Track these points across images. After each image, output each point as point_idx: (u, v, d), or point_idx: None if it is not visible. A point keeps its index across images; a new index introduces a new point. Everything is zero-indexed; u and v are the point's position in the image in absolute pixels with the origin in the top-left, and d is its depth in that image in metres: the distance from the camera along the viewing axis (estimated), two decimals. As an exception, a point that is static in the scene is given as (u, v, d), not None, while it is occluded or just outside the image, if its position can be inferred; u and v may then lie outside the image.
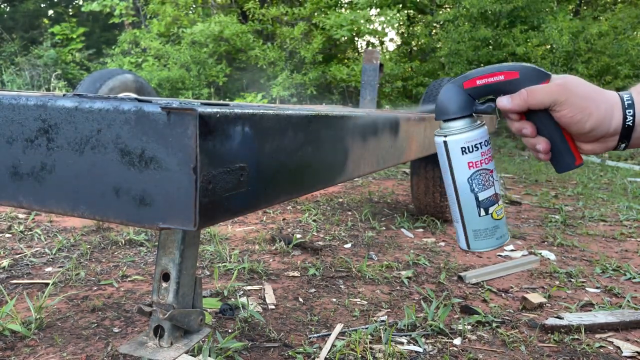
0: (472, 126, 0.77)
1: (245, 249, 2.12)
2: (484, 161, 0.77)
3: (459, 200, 0.78)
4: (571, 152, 0.75)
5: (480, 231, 0.79)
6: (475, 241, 0.79)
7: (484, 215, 0.78)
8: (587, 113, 0.69)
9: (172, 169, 0.56)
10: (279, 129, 0.73)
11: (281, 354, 1.25)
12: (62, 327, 1.34)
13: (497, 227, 0.79)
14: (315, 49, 8.16)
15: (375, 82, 3.18)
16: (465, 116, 0.77)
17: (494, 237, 0.79)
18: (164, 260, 0.94)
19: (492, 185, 0.78)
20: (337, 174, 0.98)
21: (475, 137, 0.76)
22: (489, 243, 0.79)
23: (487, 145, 0.78)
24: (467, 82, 0.76)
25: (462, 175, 0.77)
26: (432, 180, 2.51)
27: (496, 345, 1.35)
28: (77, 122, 0.60)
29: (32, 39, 10.66)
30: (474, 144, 0.76)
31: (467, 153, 0.77)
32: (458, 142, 0.76)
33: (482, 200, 0.77)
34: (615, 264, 2.08)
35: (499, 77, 0.75)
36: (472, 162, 0.77)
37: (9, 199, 0.66)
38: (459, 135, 0.76)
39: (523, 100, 0.71)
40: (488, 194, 0.78)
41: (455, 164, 0.77)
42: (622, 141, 0.71)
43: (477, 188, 0.77)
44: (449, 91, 0.78)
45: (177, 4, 9.06)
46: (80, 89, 2.99)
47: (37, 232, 2.21)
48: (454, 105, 0.77)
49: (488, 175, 0.78)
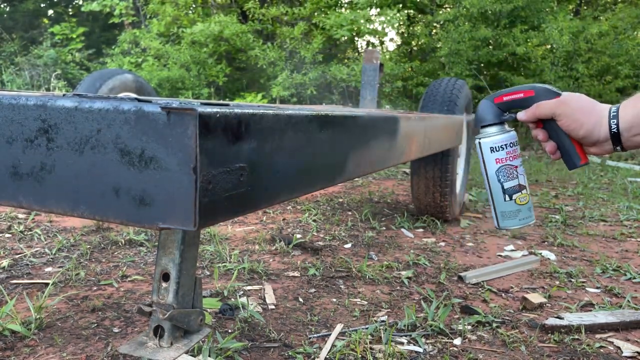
0: (500, 131, 0.99)
1: (245, 249, 2.12)
2: (509, 158, 0.98)
3: (490, 188, 1.00)
4: (577, 152, 0.92)
5: (506, 213, 1.00)
6: (503, 220, 1.00)
7: (508, 201, 0.99)
8: (579, 123, 0.88)
9: (172, 169, 0.56)
10: (279, 129, 0.73)
11: (281, 354, 1.25)
12: (62, 327, 1.34)
13: (520, 211, 0.99)
14: (315, 49, 8.15)
15: (375, 82, 3.18)
16: (495, 123, 0.99)
17: (517, 218, 0.99)
18: (164, 260, 0.94)
19: (517, 177, 0.99)
20: (337, 174, 0.98)
21: (502, 140, 0.98)
22: (513, 222, 1.00)
23: (513, 147, 0.99)
24: (497, 98, 0.99)
25: (491, 169, 0.99)
26: (432, 180, 2.51)
27: (496, 346, 1.35)
28: (77, 122, 0.60)
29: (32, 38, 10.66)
30: (500, 145, 0.98)
31: (495, 152, 0.99)
32: (488, 143, 0.99)
33: (507, 189, 0.99)
34: (615, 264, 2.08)
35: (520, 94, 0.97)
36: (499, 158, 0.98)
37: (9, 199, 0.66)
38: (489, 138, 0.99)
39: (532, 113, 0.93)
40: (512, 184, 0.99)
41: (486, 159, 0.99)
42: (616, 144, 0.86)
43: (502, 179, 0.99)
44: (484, 105, 1.01)
45: (177, 3, 9.06)
46: (80, 89, 2.99)
47: (37, 232, 2.20)
48: (486, 115, 1.00)
49: (512, 169, 0.99)
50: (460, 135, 2.37)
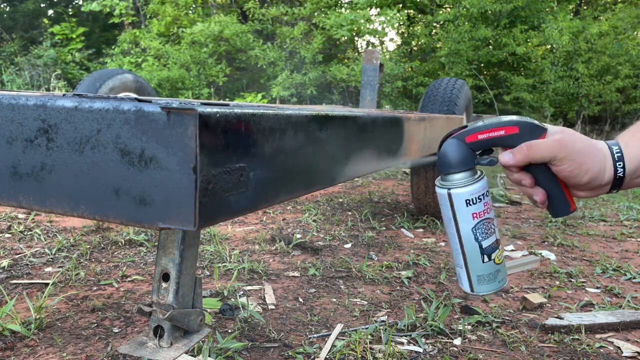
0: (475, 179, 0.80)
1: (245, 249, 2.12)
2: (486, 211, 0.81)
3: (463, 249, 0.82)
4: (566, 200, 0.79)
5: (483, 276, 0.82)
6: (479, 285, 0.83)
7: (487, 262, 0.82)
8: (584, 169, 0.74)
9: (172, 168, 0.56)
10: (279, 129, 0.73)
11: (281, 354, 1.25)
12: (61, 327, 1.34)
13: (499, 271, 0.83)
14: (315, 49, 8.15)
15: (375, 82, 3.18)
16: (468, 169, 0.80)
17: (496, 280, 0.83)
18: (164, 260, 0.94)
19: (494, 232, 0.82)
20: (337, 174, 0.98)
21: (478, 190, 0.80)
22: (491, 287, 0.83)
23: (488, 196, 0.81)
24: (469, 137, 0.80)
25: (466, 226, 0.80)
26: (432, 180, 2.51)
27: (496, 346, 1.35)
28: (76, 122, 0.60)
29: (32, 38, 10.66)
30: (477, 196, 0.80)
31: (471, 205, 0.80)
32: (462, 195, 0.79)
33: (485, 248, 0.81)
34: (615, 264, 2.08)
35: (500, 132, 0.79)
36: (476, 212, 0.80)
37: (9, 199, 0.66)
38: (463, 188, 0.79)
39: (524, 155, 0.76)
40: (490, 241, 0.81)
41: (460, 215, 0.80)
42: (614, 188, 0.77)
43: (480, 237, 0.81)
44: (451, 145, 0.81)
45: (177, 3, 9.06)
46: (80, 88, 2.99)
47: (36, 232, 2.20)
48: (457, 159, 0.80)
49: (490, 223, 0.81)
50: (460, 135, 2.36)
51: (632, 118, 8.78)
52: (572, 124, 8.32)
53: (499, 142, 0.79)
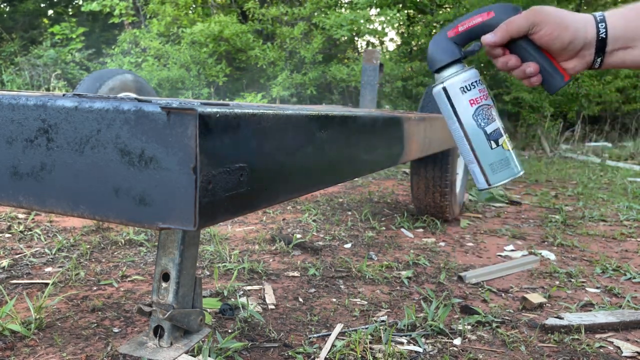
0: (464, 69, 0.84)
1: (245, 249, 2.12)
2: (482, 97, 0.83)
3: (469, 140, 0.84)
4: (558, 70, 0.80)
5: (495, 164, 0.84)
6: (494, 175, 0.84)
7: (495, 147, 0.83)
8: (563, 27, 0.76)
9: (172, 168, 0.56)
10: (279, 129, 0.73)
11: (281, 354, 1.25)
12: (62, 327, 1.34)
13: (510, 158, 0.84)
14: (315, 49, 8.15)
15: (375, 82, 3.18)
16: (455, 61, 0.83)
17: (509, 167, 0.84)
18: (164, 260, 0.94)
19: (495, 119, 0.84)
20: (337, 174, 0.98)
21: (470, 77, 0.83)
22: (506, 174, 0.84)
23: (482, 84, 0.84)
24: (451, 31, 0.84)
25: (466, 114, 0.83)
26: (432, 180, 2.51)
27: (496, 345, 1.35)
28: (76, 122, 0.60)
29: (32, 38, 10.66)
30: (470, 83, 0.83)
31: (467, 91, 0.83)
32: (456, 84, 0.83)
33: (490, 133, 0.83)
34: (615, 264, 2.08)
35: (478, 19, 0.82)
36: (473, 99, 0.83)
37: (9, 198, 0.66)
38: (455, 77, 0.83)
39: (504, 31, 0.78)
40: (494, 127, 0.83)
41: (458, 104, 0.83)
42: (598, 55, 0.77)
43: (482, 122, 0.83)
44: (436, 43, 0.84)
45: (177, 3, 9.06)
46: (80, 88, 2.99)
47: (36, 232, 2.20)
48: (444, 53, 0.84)
49: (489, 109, 0.84)
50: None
51: (632, 118, 8.78)
52: (572, 123, 8.33)
53: (480, 30, 0.82)
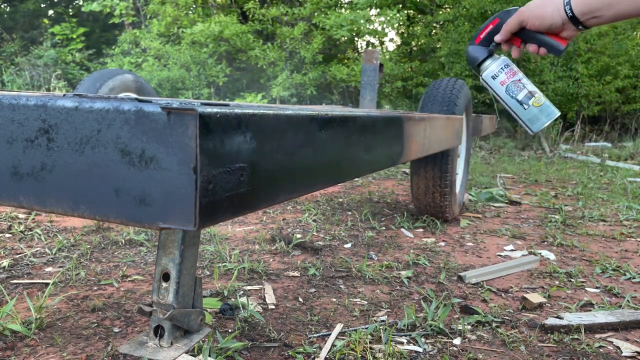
0: (493, 61, 1.22)
1: (245, 249, 2.12)
2: (510, 76, 1.21)
3: (511, 108, 1.21)
4: (555, 41, 1.09)
5: (531, 118, 1.20)
6: (533, 125, 1.20)
7: (527, 108, 1.20)
8: (541, 17, 1.07)
9: (172, 169, 0.56)
10: (279, 129, 0.73)
11: (281, 354, 1.25)
12: (62, 327, 1.34)
13: (541, 110, 1.20)
14: (315, 49, 8.15)
15: (375, 82, 3.18)
16: (485, 58, 1.22)
17: (542, 116, 1.20)
18: (164, 260, 0.94)
19: (524, 88, 1.20)
20: (337, 174, 0.98)
21: (497, 66, 1.22)
22: (541, 122, 1.20)
23: (508, 67, 1.21)
24: (476, 40, 1.22)
25: (501, 92, 1.22)
26: (432, 180, 2.51)
27: (496, 345, 1.35)
28: (77, 122, 0.60)
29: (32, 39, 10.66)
30: (497, 70, 1.22)
31: (496, 77, 1.22)
32: (488, 74, 1.22)
33: (521, 100, 1.20)
34: (615, 263, 2.08)
35: (490, 27, 1.20)
36: (502, 80, 1.21)
37: (9, 198, 0.66)
38: (487, 70, 1.22)
39: (505, 30, 1.15)
40: (523, 94, 1.20)
41: (494, 87, 1.22)
42: (577, 25, 1.04)
43: (514, 94, 1.20)
44: (470, 50, 1.23)
45: (177, 4, 9.06)
46: (80, 89, 2.99)
47: (37, 232, 2.21)
48: (476, 55, 1.22)
49: (517, 83, 1.21)
50: (460, 135, 2.37)
51: (631, 118, 8.79)
52: (571, 124, 8.33)
53: (494, 33, 1.18)
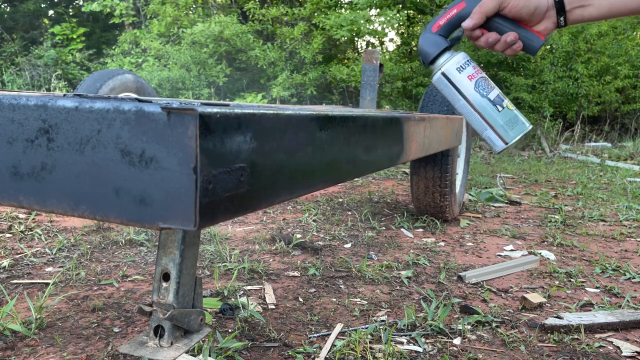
0: (454, 54, 0.98)
1: (245, 249, 2.12)
2: (477, 72, 0.97)
3: (477, 110, 0.97)
4: (533, 34, 0.93)
5: (506, 123, 0.97)
6: (507, 133, 0.97)
7: (502, 110, 0.97)
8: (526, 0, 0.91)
9: (173, 169, 0.56)
10: (279, 129, 0.73)
11: (281, 354, 1.25)
12: (62, 327, 1.34)
13: (517, 116, 0.97)
14: (315, 49, 8.15)
15: (375, 82, 3.18)
16: (445, 49, 0.98)
17: (518, 124, 0.97)
18: (164, 260, 0.94)
19: (494, 87, 0.97)
20: (337, 174, 0.98)
21: (461, 59, 0.98)
22: (518, 130, 0.97)
23: (473, 62, 0.98)
24: (434, 27, 0.97)
25: (469, 88, 0.97)
26: (432, 180, 2.51)
27: (496, 345, 1.35)
28: (77, 122, 0.60)
29: (33, 39, 10.66)
30: (463, 63, 0.97)
31: (463, 70, 0.97)
32: (452, 66, 0.97)
33: (493, 100, 0.97)
34: (614, 263, 2.08)
35: (453, 11, 0.97)
36: (470, 74, 0.97)
37: (10, 199, 0.66)
38: (449, 62, 0.97)
39: (478, 13, 0.93)
40: (495, 93, 0.97)
41: (459, 82, 0.97)
42: (560, 14, 0.91)
43: (484, 92, 0.96)
44: (424, 39, 0.99)
45: (177, 4, 9.06)
46: (80, 89, 2.99)
47: (37, 232, 2.21)
48: (433, 46, 0.98)
49: (487, 80, 0.97)
50: (460, 135, 2.37)
51: (631, 118, 8.79)
52: (571, 124, 8.33)
53: (458, 19, 0.96)
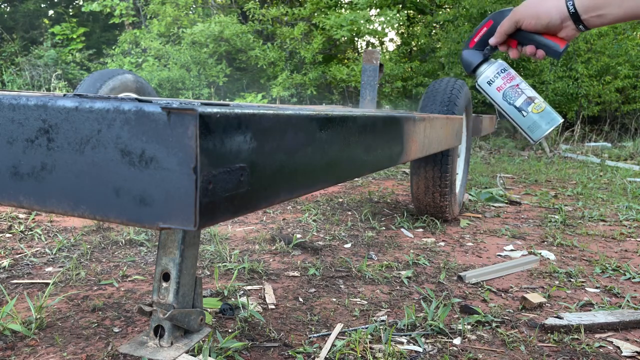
0: (488, 66, 1.15)
1: (245, 249, 2.12)
2: (506, 82, 1.14)
3: (509, 115, 1.14)
4: (553, 42, 1.02)
5: (531, 125, 1.12)
6: (533, 133, 1.12)
7: (526, 115, 1.12)
8: (536, 16, 1.00)
9: (172, 169, 0.56)
10: (279, 129, 0.73)
11: (281, 354, 1.25)
12: (62, 327, 1.34)
13: (542, 117, 1.11)
14: (315, 49, 8.15)
15: (375, 82, 3.18)
16: (481, 62, 1.15)
17: (543, 124, 1.11)
18: (164, 260, 0.94)
19: (522, 93, 1.13)
20: (337, 174, 0.98)
21: (493, 71, 1.15)
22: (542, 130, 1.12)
23: (505, 72, 1.14)
24: (470, 43, 1.15)
25: (498, 98, 1.14)
26: (431, 180, 2.51)
27: (496, 345, 1.35)
28: (77, 122, 0.60)
29: (33, 39, 10.67)
30: (493, 76, 1.15)
31: (492, 83, 1.14)
32: (484, 80, 1.16)
33: (519, 106, 1.12)
34: (614, 263, 2.08)
35: (484, 29, 1.14)
36: (499, 86, 1.14)
37: (10, 199, 0.66)
38: (482, 76, 1.16)
39: (500, 32, 1.08)
40: (521, 100, 1.12)
41: (491, 93, 1.15)
42: (577, 24, 0.96)
43: (511, 100, 1.13)
44: (464, 54, 1.17)
45: (177, 4, 9.06)
46: (80, 89, 2.99)
47: (37, 232, 2.21)
48: (470, 60, 1.16)
49: (515, 89, 1.13)
50: (460, 135, 2.37)
51: (631, 118, 8.78)
52: (571, 123, 8.33)
53: (488, 36, 1.11)
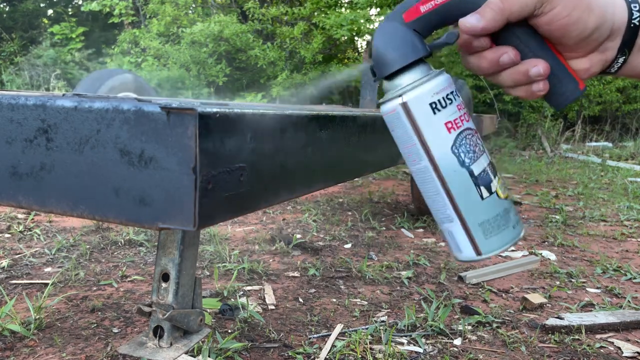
0: (432, 73, 0.53)
1: (245, 249, 2.12)
2: (464, 118, 0.52)
3: (446, 186, 0.52)
4: (571, 74, 0.53)
5: (490, 221, 0.52)
6: (487, 240, 0.53)
7: (488, 197, 0.52)
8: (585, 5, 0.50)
9: (172, 169, 0.56)
10: (279, 129, 0.73)
11: (281, 354, 1.24)
12: (61, 328, 1.34)
13: (508, 210, 0.54)
14: (315, 49, 8.15)
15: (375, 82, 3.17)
16: (418, 61, 0.53)
17: (509, 226, 0.53)
18: (164, 260, 0.94)
19: (483, 150, 0.54)
20: (337, 174, 0.98)
21: (443, 85, 0.52)
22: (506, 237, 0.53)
23: (459, 96, 0.53)
24: (408, 14, 0.52)
25: (442, 145, 0.52)
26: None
27: (496, 346, 1.35)
28: (76, 122, 0.60)
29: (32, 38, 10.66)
30: (444, 95, 0.52)
31: (440, 109, 0.51)
32: (423, 98, 0.51)
33: (478, 175, 0.52)
34: (615, 264, 2.08)
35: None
36: (451, 120, 0.52)
37: (9, 199, 0.65)
38: (421, 87, 0.52)
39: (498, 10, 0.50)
40: (483, 164, 0.53)
41: (428, 130, 0.52)
42: (622, 51, 0.53)
43: (467, 159, 0.52)
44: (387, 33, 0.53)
45: (177, 3, 9.06)
46: (79, 88, 2.98)
47: (36, 232, 2.20)
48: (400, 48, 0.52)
49: (474, 137, 0.53)
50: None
51: (632, 118, 8.78)
52: (572, 123, 8.33)
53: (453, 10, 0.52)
